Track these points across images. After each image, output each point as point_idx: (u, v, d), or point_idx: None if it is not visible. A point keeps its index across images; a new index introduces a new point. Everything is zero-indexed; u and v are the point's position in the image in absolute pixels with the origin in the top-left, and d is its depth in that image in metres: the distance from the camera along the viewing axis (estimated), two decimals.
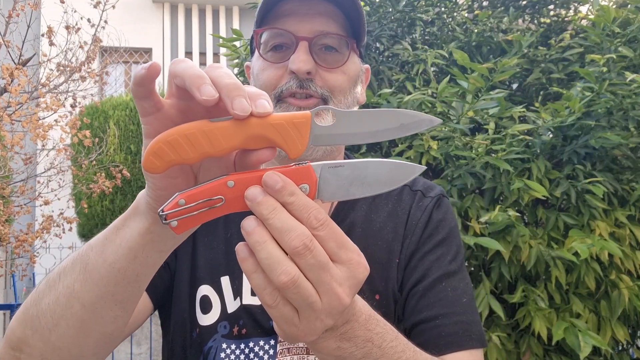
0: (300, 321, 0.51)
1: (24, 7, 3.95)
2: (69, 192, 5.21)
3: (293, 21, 0.86)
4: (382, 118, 0.54)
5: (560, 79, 2.10)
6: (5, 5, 4.27)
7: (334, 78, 0.87)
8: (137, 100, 0.53)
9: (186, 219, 0.49)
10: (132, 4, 9.05)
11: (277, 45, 0.88)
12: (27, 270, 4.71)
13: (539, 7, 2.41)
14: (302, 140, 0.51)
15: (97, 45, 4.60)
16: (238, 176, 0.50)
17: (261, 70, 0.89)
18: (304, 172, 0.51)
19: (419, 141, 1.88)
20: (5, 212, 3.81)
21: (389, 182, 0.53)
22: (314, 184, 0.51)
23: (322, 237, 0.49)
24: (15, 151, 4.03)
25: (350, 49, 0.89)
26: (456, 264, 0.90)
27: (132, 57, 9.25)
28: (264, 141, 0.51)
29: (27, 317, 0.67)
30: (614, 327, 1.72)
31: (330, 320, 0.51)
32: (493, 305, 1.67)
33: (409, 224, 0.92)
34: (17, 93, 3.59)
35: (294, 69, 0.84)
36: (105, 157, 5.54)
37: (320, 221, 0.49)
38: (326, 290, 0.49)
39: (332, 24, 0.87)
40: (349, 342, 0.57)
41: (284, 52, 0.88)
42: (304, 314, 0.50)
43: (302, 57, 0.84)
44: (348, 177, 0.53)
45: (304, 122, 0.51)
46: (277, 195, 0.48)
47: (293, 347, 0.85)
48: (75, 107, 4.59)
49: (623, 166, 1.89)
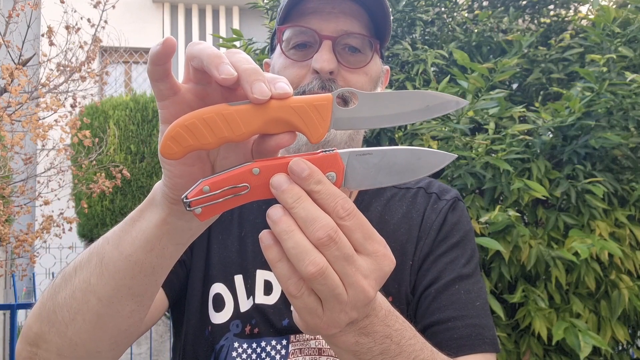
0: (324, 313, 0.50)
1: (24, 7, 3.95)
2: (69, 192, 5.21)
3: (317, 20, 0.86)
4: (407, 100, 0.52)
5: (560, 79, 2.10)
6: (5, 5, 4.27)
7: (356, 79, 0.86)
8: (154, 83, 0.52)
9: (211, 207, 0.48)
10: (132, 4, 9.04)
11: (300, 43, 0.87)
12: (27, 270, 4.70)
13: (539, 7, 2.41)
14: (323, 124, 0.50)
15: (97, 45, 4.60)
16: (263, 163, 0.48)
17: (283, 68, 0.88)
18: (331, 159, 0.49)
19: (419, 141, 1.88)
20: (5, 212, 3.81)
21: (418, 170, 0.52)
22: (341, 171, 0.50)
23: (349, 227, 0.48)
24: (15, 151, 4.02)
25: (373, 50, 0.88)
26: (470, 267, 0.89)
27: (132, 57, 9.24)
28: (284, 125, 0.49)
29: (43, 312, 0.66)
30: (614, 327, 1.72)
31: (354, 312, 0.51)
32: (493, 305, 1.67)
33: (423, 226, 0.92)
34: (17, 93, 3.59)
35: (317, 68, 0.83)
36: (105, 157, 5.53)
37: (347, 211, 0.48)
38: (351, 282, 0.48)
39: (356, 23, 0.86)
40: (368, 337, 0.56)
41: (306, 50, 0.87)
42: (328, 305, 0.49)
43: (326, 56, 0.83)
44: (376, 165, 0.51)
45: (325, 105, 0.50)
46: (303, 183, 0.47)
47: (305, 348, 0.84)
48: (75, 107, 4.59)
49: (623, 166, 1.89)
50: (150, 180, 5.91)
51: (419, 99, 0.52)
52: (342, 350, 0.57)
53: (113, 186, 4.57)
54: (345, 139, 0.87)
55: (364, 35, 0.87)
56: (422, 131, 1.87)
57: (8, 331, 4.34)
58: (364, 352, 0.57)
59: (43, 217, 4.23)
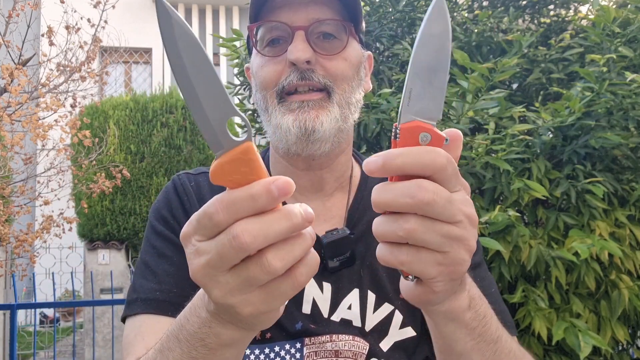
0: (447, 255, 0.52)
1: (24, 7, 3.95)
2: (69, 192, 5.21)
3: (287, 12, 0.84)
4: None
5: (560, 79, 2.10)
6: (5, 5, 4.27)
7: (335, 65, 0.84)
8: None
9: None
10: (132, 4, 9.05)
11: (273, 39, 0.86)
12: (27, 270, 4.70)
13: (539, 7, 2.41)
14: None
15: (97, 45, 4.60)
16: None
17: (260, 67, 0.87)
18: (415, 128, 0.51)
19: None
20: (5, 212, 3.81)
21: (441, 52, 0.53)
22: (427, 128, 0.52)
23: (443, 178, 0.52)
24: (15, 151, 4.03)
25: (348, 34, 0.86)
26: (479, 256, 0.91)
27: (132, 57, 9.25)
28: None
29: None
30: (614, 327, 1.72)
31: (473, 241, 0.53)
32: None
33: None
34: (17, 93, 3.59)
35: (293, 59, 0.81)
36: (105, 157, 5.53)
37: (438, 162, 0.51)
38: (454, 211, 0.51)
39: (327, 10, 0.85)
40: (473, 311, 0.61)
41: (281, 45, 0.85)
42: (446, 245, 0.51)
43: (300, 45, 0.81)
44: (423, 84, 0.53)
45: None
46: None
47: (321, 351, 0.83)
48: (75, 107, 4.59)
49: (623, 166, 1.89)
50: (150, 180, 5.91)
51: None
52: (457, 324, 0.61)
53: (113, 186, 4.57)
54: (334, 132, 0.85)
55: (336, 20, 0.85)
56: None
57: (8, 331, 4.34)
58: (473, 327, 0.62)
59: (43, 217, 4.23)
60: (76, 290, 6.64)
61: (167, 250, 0.87)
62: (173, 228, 0.89)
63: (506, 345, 0.67)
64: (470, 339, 0.63)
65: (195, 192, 0.91)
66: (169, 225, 0.89)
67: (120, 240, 5.96)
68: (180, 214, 0.89)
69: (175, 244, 0.87)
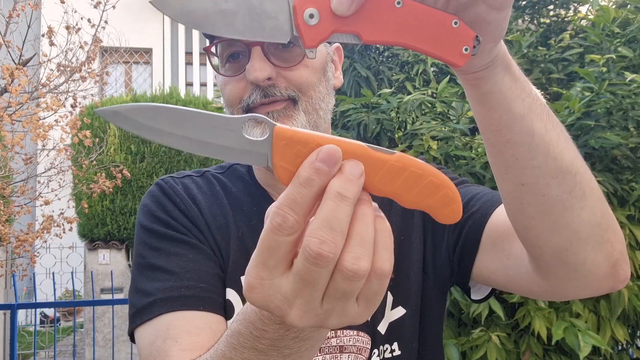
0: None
1: (24, 7, 3.95)
2: (69, 192, 5.21)
3: None
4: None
5: (560, 79, 2.10)
6: (6, 5, 4.27)
7: (298, 75, 0.82)
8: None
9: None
10: (132, 4, 9.04)
11: (232, 54, 0.84)
12: (27, 270, 4.71)
13: (538, 7, 2.41)
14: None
15: (97, 45, 4.60)
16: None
17: (224, 85, 0.85)
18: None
19: (419, 141, 1.88)
20: (5, 212, 3.81)
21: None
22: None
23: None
24: (16, 151, 4.03)
25: None
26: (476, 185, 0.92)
27: (132, 57, 9.25)
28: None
29: None
30: (613, 327, 1.72)
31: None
32: (493, 305, 1.67)
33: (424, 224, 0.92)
34: (17, 93, 3.60)
35: (252, 80, 0.79)
36: (106, 157, 5.54)
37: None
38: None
39: None
40: (516, 80, 0.59)
41: (240, 61, 0.83)
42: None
43: (257, 64, 0.79)
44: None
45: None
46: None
47: (325, 347, 0.82)
48: (76, 107, 4.59)
49: (623, 166, 1.89)
50: (151, 180, 5.91)
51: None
52: (511, 77, 0.59)
53: (113, 186, 4.58)
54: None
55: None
56: (422, 131, 1.87)
57: (8, 331, 4.34)
58: (516, 96, 0.59)
59: (43, 217, 4.23)
60: (76, 290, 6.64)
61: (178, 249, 0.83)
62: (176, 228, 0.85)
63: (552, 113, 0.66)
64: (526, 95, 0.61)
65: (185, 193, 0.89)
66: (171, 226, 0.86)
67: (120, 240, 5.96)
68: (178, 214, 0.86)
69: (186, 242, 0.84)
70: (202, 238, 0.86)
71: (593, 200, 0.63)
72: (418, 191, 0.44)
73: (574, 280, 0.68)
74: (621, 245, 0.67)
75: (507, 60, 0.58)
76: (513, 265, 0.76)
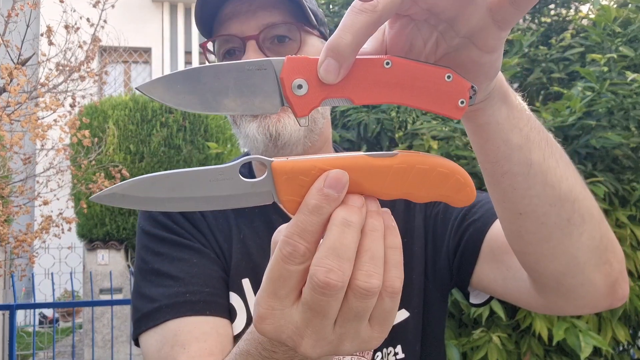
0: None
1: (23, 7, 3.94)
2: (68, 192, 5.20)
3: (236, 23, 0.83)
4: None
5: (561, 79, 2.10)
6: (5, 5, 4.26)
7: None
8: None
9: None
10: (132, 4, 9.04)
11: (228, 51, 0.84)
12: (26, 271, 4.69)
13: (539, 7, 2.41)
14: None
15: (96, 44, 4.59)
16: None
17: None
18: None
19: (419, 141, 1.88)
20: (4, 212, 3.80)
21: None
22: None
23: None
24: (15, 151, 4.02)
25: (302, 32, 0.84)
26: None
27: (131, 56, 9.24)
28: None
29: None
30: (614, 327, 1.72)
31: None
32: (493, 306, 1.66)
33: (425, 231, 0.91)
34: (16, 93, 3.58)
35: None
36: (105, 157, 5.53)
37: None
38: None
39: (277, 14, 0.83)
40: (514, 109, 0.58)
41: (237, 57, 0.84)
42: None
43: (252, 57, 0.79)
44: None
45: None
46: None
47: None
48: (75, 106, 4.58)
49: (624, 166, 1.89)
50: None
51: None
52: (509, 107, 0.57)
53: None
54: (302, 135, 0.83)
55: (285, 22, 0.83)
56: (422, 131, 1.87)
57: (7, 331, 4.33)
58: (520, 128, 0.58)
59: (42, 217, 4.22)
60: (75, 290, 6.63)
61: (182, 253, 0.83)
62: (178, 232, 0.85)
63: (551, 140, 0.63)
64: (523, 124, 0.59)
65: None
66: (173, 231, 0.85)
67: (119, 241, 5.95)
68: (180, 218, 0.86)
69: (188, 246, 0.83)
70: (205, 242, 0.85)
71: (592, 225, 0.62)
72: (428, 185, 0.44)
73: (572, 300, 0.67)
74: (620, 265, 0.66)
75: (503, 90, 0.57)
76: (512, 277, 0.76)
